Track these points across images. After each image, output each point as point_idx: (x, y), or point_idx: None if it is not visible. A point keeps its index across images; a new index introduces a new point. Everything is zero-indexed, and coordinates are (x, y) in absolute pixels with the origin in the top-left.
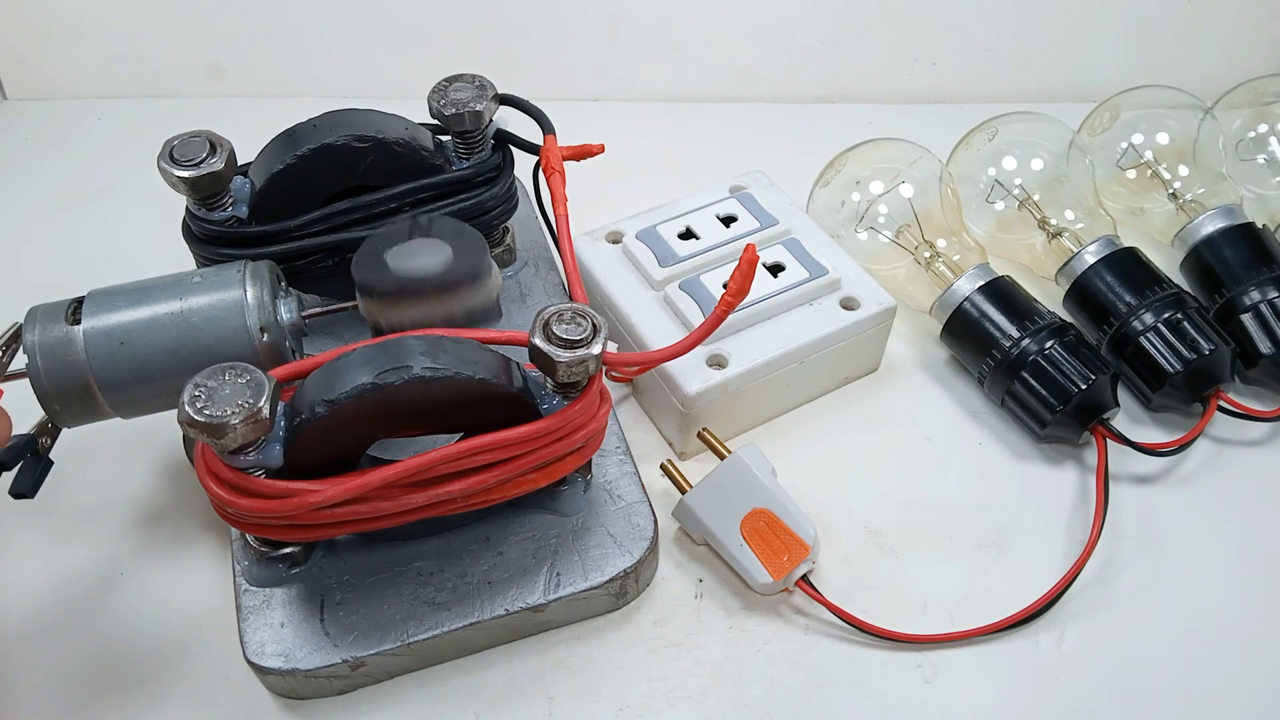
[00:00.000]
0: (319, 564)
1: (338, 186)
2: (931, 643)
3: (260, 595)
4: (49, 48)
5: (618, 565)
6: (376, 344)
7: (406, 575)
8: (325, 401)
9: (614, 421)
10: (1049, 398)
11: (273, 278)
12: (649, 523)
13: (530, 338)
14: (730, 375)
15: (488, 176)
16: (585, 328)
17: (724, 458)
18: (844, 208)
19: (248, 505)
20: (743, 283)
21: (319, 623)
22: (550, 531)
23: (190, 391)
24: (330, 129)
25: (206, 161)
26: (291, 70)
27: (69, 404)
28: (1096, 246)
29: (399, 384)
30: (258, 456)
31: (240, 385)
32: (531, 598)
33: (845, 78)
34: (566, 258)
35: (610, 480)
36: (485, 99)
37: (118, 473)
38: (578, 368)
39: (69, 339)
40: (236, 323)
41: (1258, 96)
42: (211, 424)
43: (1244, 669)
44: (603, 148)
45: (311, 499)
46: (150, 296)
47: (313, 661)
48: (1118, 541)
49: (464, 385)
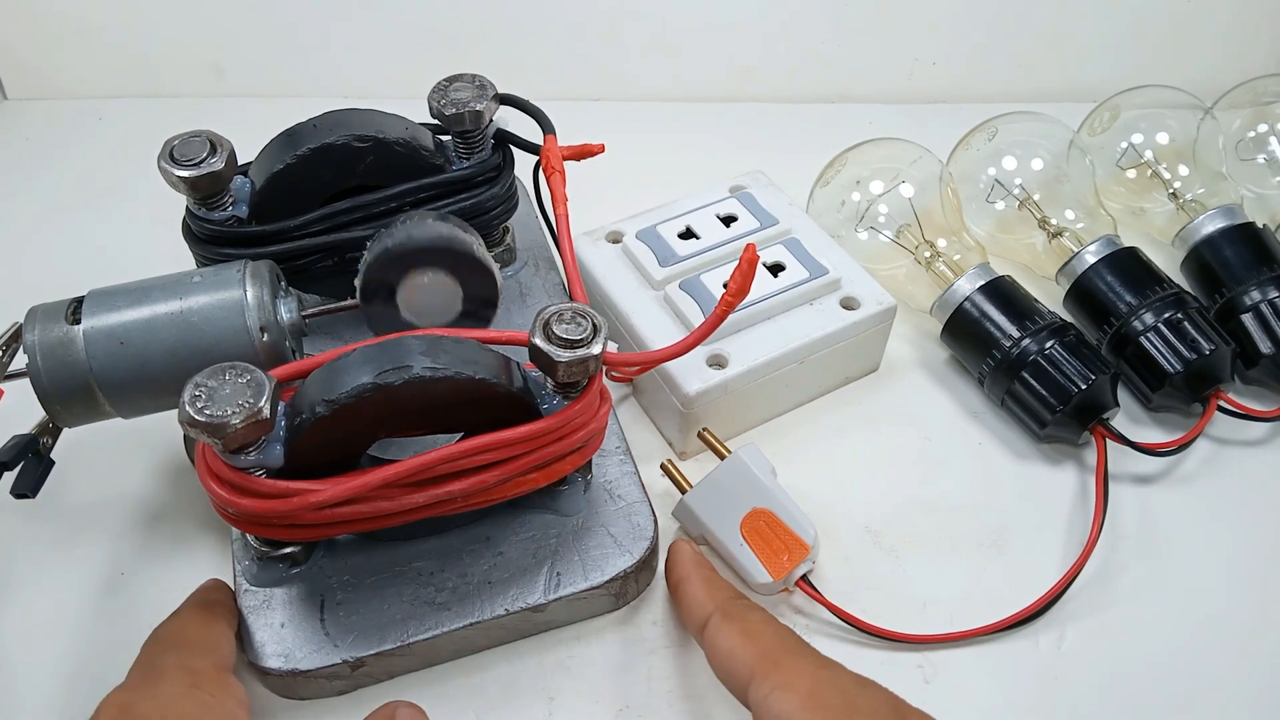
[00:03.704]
0: (319, 564)
1: (338, 186)
2: (931, 643)
3: (260, 595)
4: (49, 48)
5: (618, 565)
6: (376, 344)
7: (407, 575)
8: (326, 401)
9: (614, 421)
10: (1049, 397)
11: (272, 277)
12: (649, 523)
13: (530, 338)
14: (730, 375)
15: (488, 176)
16: (585, 328)
17: (724, 457)
18: (844, 207)
19: (248, 505)
20: (743, 282)
21: (319, 623)
22: (550, 531)
23: (190, 391)
24: (330, 129)
25: (207, 161)
26: (291, 70)
27: (69, 404)
28: (1097, 246)
29: (399, 384)
30: (258, 456)
31: (240, 385)
32: (532, 598)
33: (845, 78)
34: (566, 257)
35: (610, 480)
36: (485, 99)
37: (119, 473)
38: (578, 367)
39: (69, 339)
40: (236, 322)
41: (1257, 96)
42: (212, 423)
43: (1244, 669)
44: (603, 147)
45: (312, 499)
46: (150, 296)
47: (312, 662)
48: (1118, 541)
49: (464, 385)
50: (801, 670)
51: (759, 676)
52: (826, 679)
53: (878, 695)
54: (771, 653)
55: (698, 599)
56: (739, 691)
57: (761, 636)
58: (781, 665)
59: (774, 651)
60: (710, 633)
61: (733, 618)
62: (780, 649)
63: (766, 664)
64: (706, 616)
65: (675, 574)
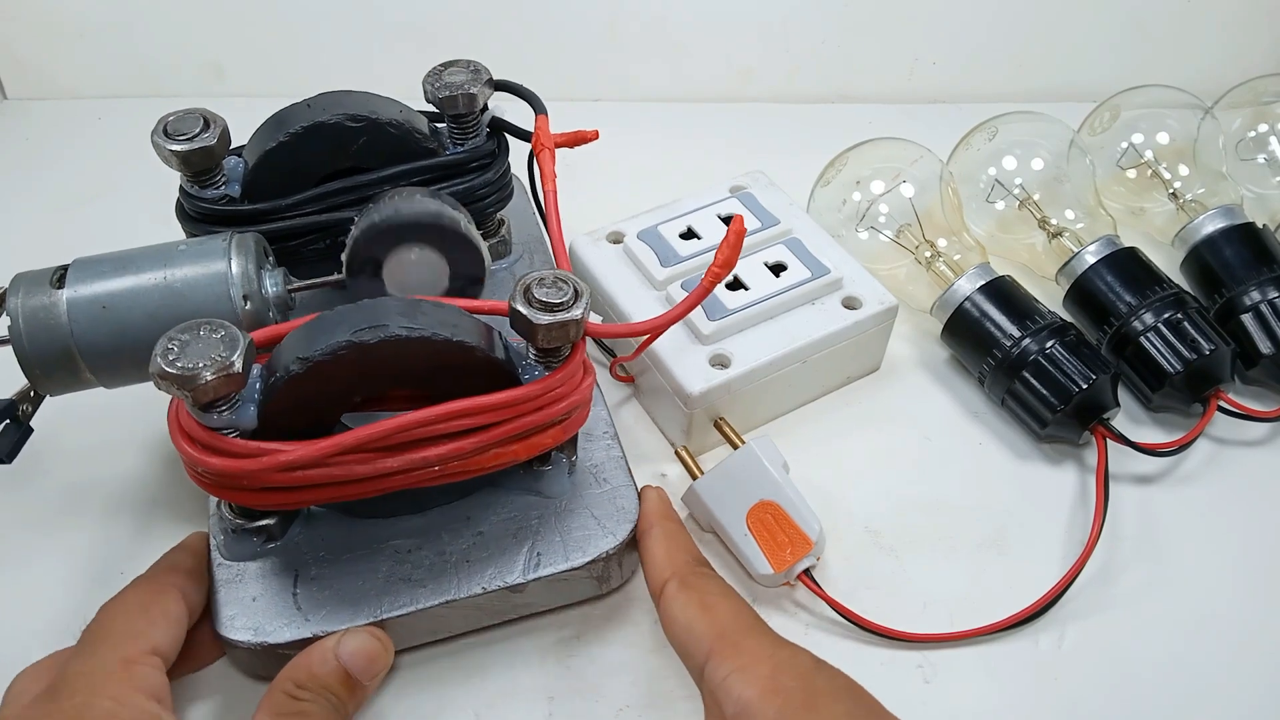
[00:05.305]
0: (296, 540)
1: (331, 167)
2: (931, 642)
3: (234, 569)
4: (49, 48)
5: (600, 546)
6: (356, 305)
7: (384, 552)
8: (300, 359)
9: (603, 408)
10: (1050, 397)
11: (259, 250)
12: (634, 506)
13: (510, 303)
14: (733, 375)
15: (481, 162)
16: (566, 292)
17: (737, 448)
18: (845, 207)
19: (217, 464)
20: (730, 254)
21: (291, 596)
22: (532, 513)
23: (164, 344)
24: (324, 109)
25: (199, 136)
26: (291, 70)
27: (50, 370)
28: (1097, 246)
29: (374, 342)
30: (232, 416)
31: (215, 340)
32: (510, 577)
33: (845, 78)
34: (554, 231)
35: (597, 464)
36: (479, 83)
37: (120, 473)
38: (557, 331)
39: (52, 304)
40: (219, 290)
41: (1257, 96)
42: (183, 376)
43: (1244, 669)
44: (597, 134)
45: (281, 458)
46: (135, 264)
47: (283, 635)
48: (1118, 541)
49: (441, 346)
50: (760, 653)
51: (717, 656)
52: (785, 661)
53: (836, 678)
54: (729, 632)
55: (657, 560)
56: (694, 667)
57: (719, 611)
58: (741, 647)
59: (732, 631)
60: (666, 600)
61: (690, 587)
62: (738, 628)
63: (725, 644)
64: (664, 581)
65: (640, 525)
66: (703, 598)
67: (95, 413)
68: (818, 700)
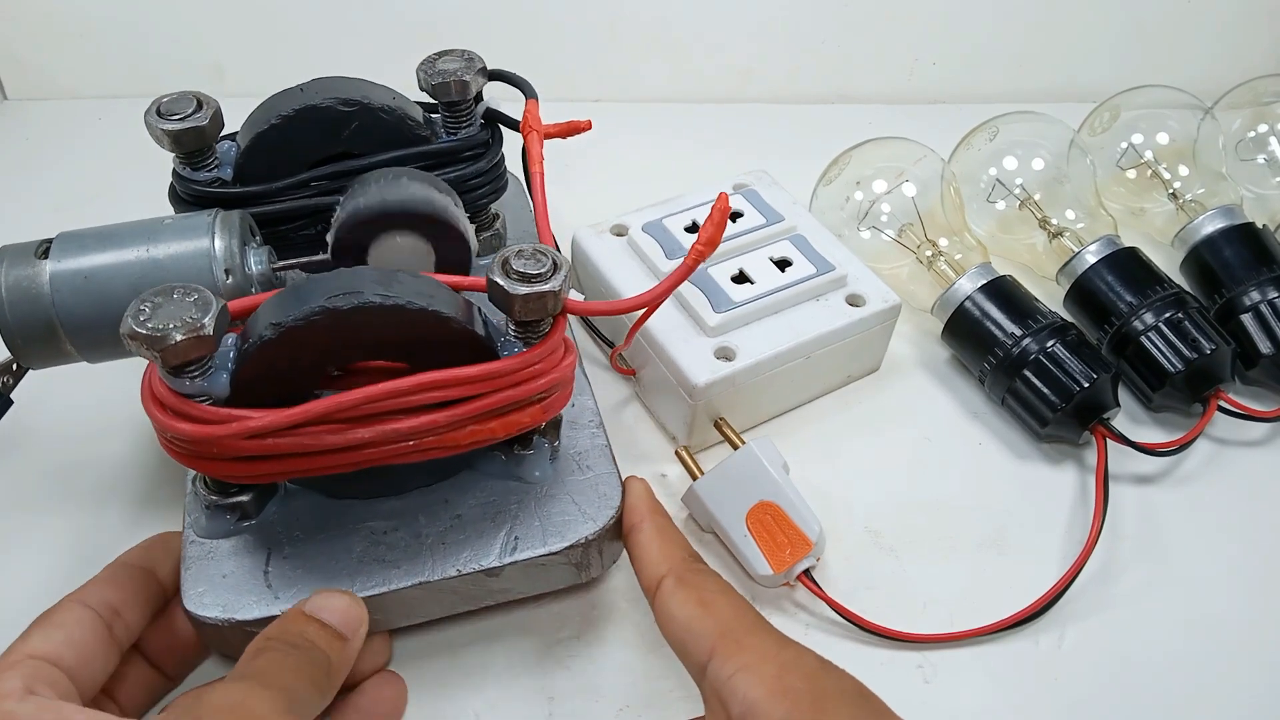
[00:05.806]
0: (271, 519)
1: (323, 152)
2: (931, 642)
3: (206, 546)
4: (49, 48)
5: (580, 532)
6: (332, 273)
7: (359, 533)
8: (272, 325)
9: (590, 397)
10: (1050, 396)
11: (244, 227)
12: (617, 494)
13: (488, 275)
14: (738, 368)
15: (474, 151)
16: (545, 264)
17: (737, 448)
18: (847, 205)
19: (185, 429)
20: (714, 232)
21: (262, 574)
22: (512, 497)
23: (136, 305)
24: (316, 92)
25: (192, 116)
26: (291, 70)
27: (32, 340)
28: (1097, 246)
29: (348, 309)
30: (204, 384)
31: (188, 303)
32: (486, 560)
33: (845, 78)
34: (539, 211)
35: (581, 451)
36: (472, 71)
37: (120, 473)
38: (535, 303)
39: (35, 274)
40: (201, 264)
41: (1257, 96)
42: (153, 336)
43: (1244, 669)
44: (590, 124)
45: (250, 424)
46: (119, 238)
47: (251, 612)
48: (1118, 541)
49: (416, 316)
50: (765, 652)
51: (720, 655)
52: (791, 661)
53: (843, 679)
54: (732, 630)
55: (650, 556)
56: (695, 666)
57: (719, 608)
58: (745, 645)
59: (734, 628)
60: (663, 598)
61: (688, 584)
62: (740, 625)
63: (728, 642)
64: (659, 578)
65: (628, 520)
66: (701, 594)
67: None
68: (825, 703)
